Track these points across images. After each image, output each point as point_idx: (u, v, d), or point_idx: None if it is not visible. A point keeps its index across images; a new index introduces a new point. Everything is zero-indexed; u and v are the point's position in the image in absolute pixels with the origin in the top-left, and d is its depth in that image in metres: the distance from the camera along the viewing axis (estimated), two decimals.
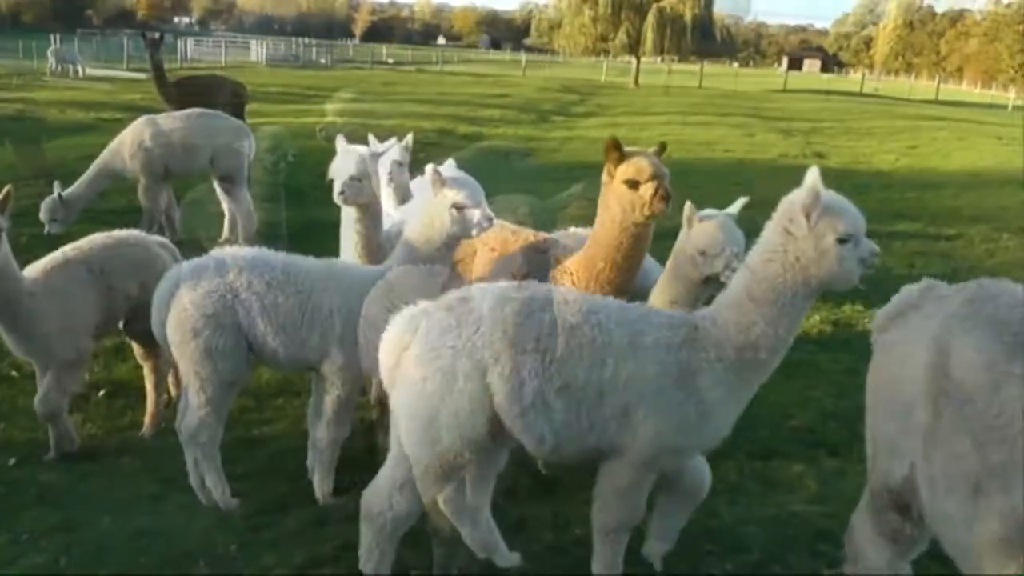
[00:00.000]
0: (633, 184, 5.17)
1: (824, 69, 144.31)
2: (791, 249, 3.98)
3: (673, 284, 5.29)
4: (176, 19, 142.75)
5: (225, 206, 11.71)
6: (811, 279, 3.98)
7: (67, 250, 6.13)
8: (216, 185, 11.63)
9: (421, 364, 4.16)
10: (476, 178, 5.44)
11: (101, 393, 6.99)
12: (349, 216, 6.14)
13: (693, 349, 4.15)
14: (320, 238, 7.27)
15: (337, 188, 5.85)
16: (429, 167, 5.14)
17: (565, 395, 4.08)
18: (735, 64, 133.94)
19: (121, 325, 6.44)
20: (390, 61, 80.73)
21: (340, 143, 6.21)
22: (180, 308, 5.16)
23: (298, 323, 5.19)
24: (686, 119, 35.23)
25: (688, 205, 5.27)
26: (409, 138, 7.59)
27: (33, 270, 5.92)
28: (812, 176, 3.95)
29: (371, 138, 7.10)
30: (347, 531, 5.11)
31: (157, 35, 17.91)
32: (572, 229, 6.39)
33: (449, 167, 5.47)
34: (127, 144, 10.89)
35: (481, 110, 33.54)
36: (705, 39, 67.86)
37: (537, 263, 5.67)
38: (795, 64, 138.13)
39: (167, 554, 4.93)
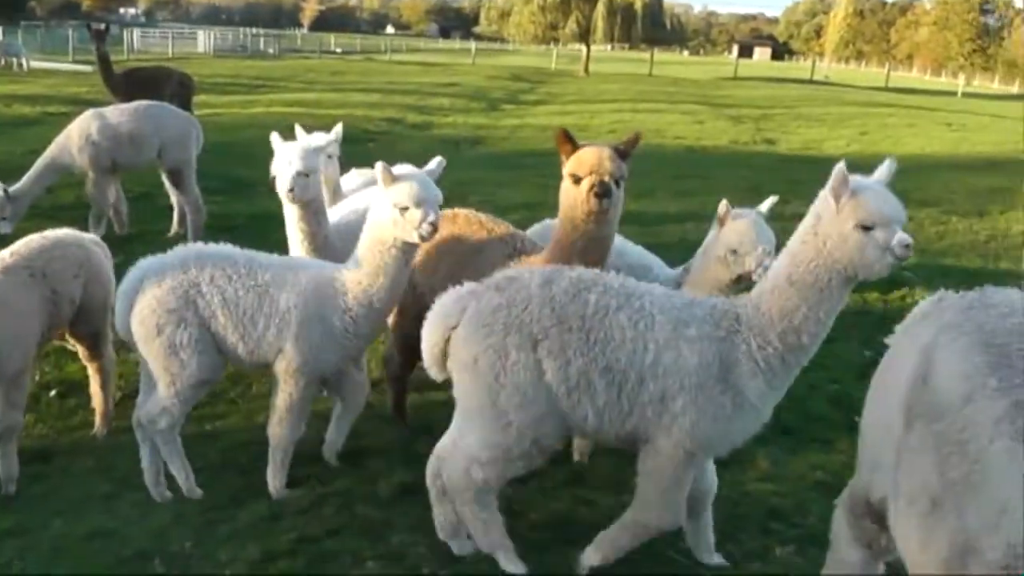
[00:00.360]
0: (576, 179, 4.88)
1: (775, 57, 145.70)
2: (820, 232, 3.98)
3: (699, 287, 5.27)
4: (122, 10, 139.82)
5: (174, 199, 11.56)
6: (838, 264, 3.95)
7: (4, 256, 5.71)
8: (164, 178, 11.48)
9: (470, 343, 4.22)
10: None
11: (52, 393, 6.85)
12: (291, 213, 5.95)
13: (736, 340, 4.15)
14: (266, 230, 7.19)
15: (286, 185, 5.67)
16: (379, 164, 4.94)
17: (607, 377, 4.13)
18: (685, 52, 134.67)
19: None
20: (338, 50, 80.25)
21: (275, 140, 5.98)
22: (143, 304, 5.07)
23: (256, 319, 5.10)
24: (636, 106, 35.31)
25: (723, 204, 5.28)
26: (338, 128, 7.33)
27: None
28: (883, 170, 4.16)
29: (298, 129, 6.77)
30: (302, 524, 5.11)
31: (103, 26, 17.65)
32: (548, 221, 6.23)
33: (436, 163, 5.20)
34: (74, 138, 10.66)
35: (431, 99, 33.45)
36: (655, 27, 68.27)
37: (501, 257, 5.42)
38: (746, 52, 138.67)
39: (122, 554, 4.86)
